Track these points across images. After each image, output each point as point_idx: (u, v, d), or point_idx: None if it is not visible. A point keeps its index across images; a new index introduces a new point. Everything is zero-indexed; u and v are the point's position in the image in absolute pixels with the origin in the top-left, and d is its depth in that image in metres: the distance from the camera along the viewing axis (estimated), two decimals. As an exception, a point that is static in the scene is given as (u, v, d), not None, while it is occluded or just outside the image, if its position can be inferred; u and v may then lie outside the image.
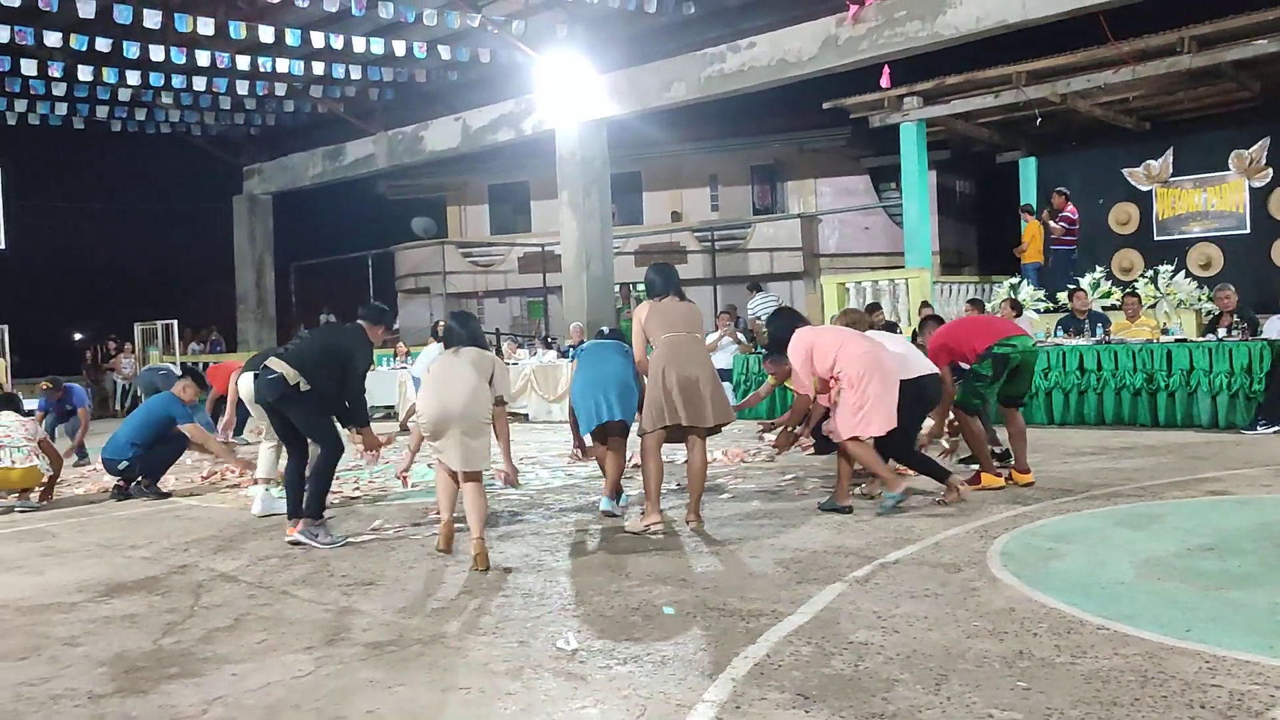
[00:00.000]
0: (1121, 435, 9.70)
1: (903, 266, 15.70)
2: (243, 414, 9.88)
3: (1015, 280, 15.10)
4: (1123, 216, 16.48)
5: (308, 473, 6.11)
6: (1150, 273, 13.47)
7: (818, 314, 17.93)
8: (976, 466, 7.33)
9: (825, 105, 16.36)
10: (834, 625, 3.97)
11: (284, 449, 6.66)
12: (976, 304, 12.00)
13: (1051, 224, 14.89)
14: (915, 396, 6.42)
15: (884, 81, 14.32)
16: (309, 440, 6.19)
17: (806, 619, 4.06)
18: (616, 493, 6.68)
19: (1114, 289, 13.60)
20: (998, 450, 7.87)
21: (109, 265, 33.99)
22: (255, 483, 7.52)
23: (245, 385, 7.36)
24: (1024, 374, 7.26)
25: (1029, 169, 17.80)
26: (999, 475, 7.06)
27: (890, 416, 6.08)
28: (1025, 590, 4.34)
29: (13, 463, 7.87)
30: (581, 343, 14.62)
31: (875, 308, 13.11)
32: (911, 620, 3.99)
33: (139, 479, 8.38)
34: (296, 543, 5.95)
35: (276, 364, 5.97)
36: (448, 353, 5.78)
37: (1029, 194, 17.65)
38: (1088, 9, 12.16)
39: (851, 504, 6.31)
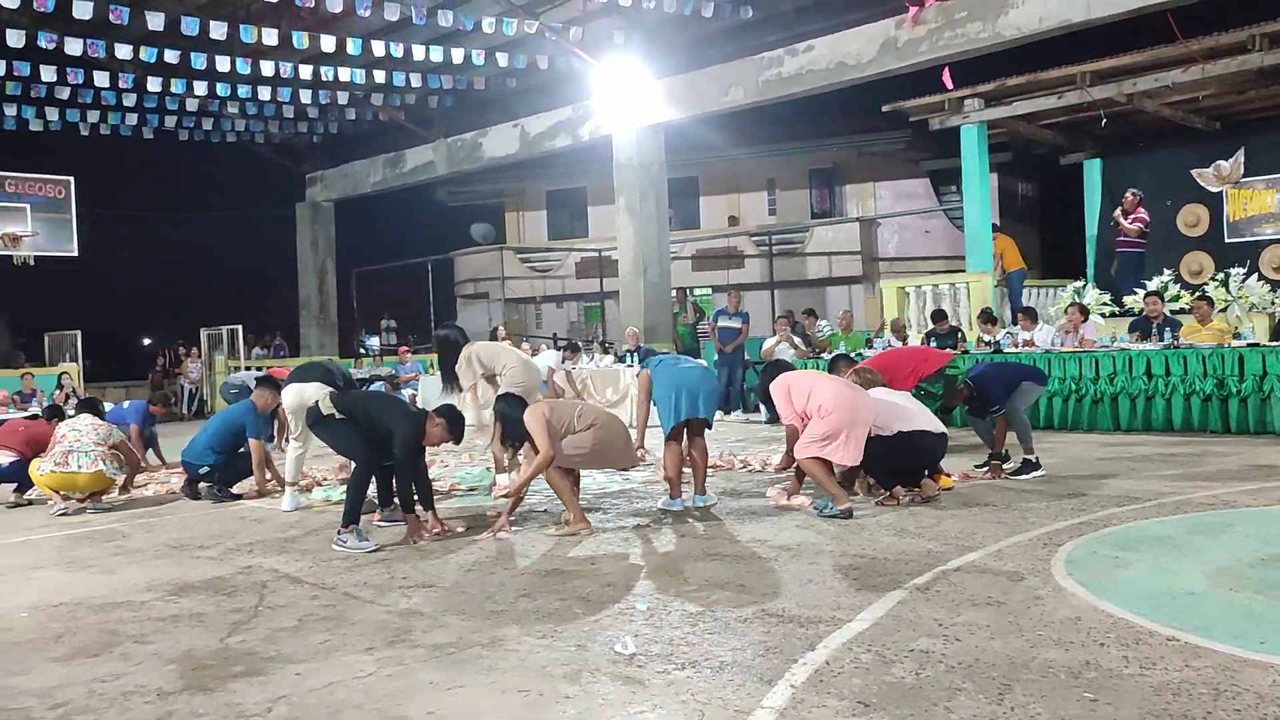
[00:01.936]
0: (1191, 442, 9.47)
1: (963, 271, 15.49)
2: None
3: (1080, 284, 14.84)
4: (1191, 218, 16.07)
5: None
6: (1221, 275, 13.14)
7: (877, 318, 17.80)
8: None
9: (885, 108, 16.19)
10: (895, 633, 3.92)
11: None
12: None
13: (1124, 223, 14.52)
14: (908, 447, 6.74)
15: (946, 83, 14.14)
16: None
17: (867, 626, 4.02)
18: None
19: (1182, 292, 13.30)
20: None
21: (176, 272, 34.81)
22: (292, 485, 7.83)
23: (289, 396, 7.55)
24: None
25: (1094, 171, 17.45)
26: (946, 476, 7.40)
27: (857, 450, 6.47)
28: (1091, 599, 4.25)
29: (79, 467, 7.99)
30: (638, 348, 14.67)
31: (940, 315, 12.98)
32: (974, 629, 3.93)
33: (214, 484, 8.52)
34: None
35: (324, 403, 6.42)
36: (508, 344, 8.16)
37: (1094, 196, 17.33)
38: (1154, 7, 11.86)
39: (850, 506, 6.39)
